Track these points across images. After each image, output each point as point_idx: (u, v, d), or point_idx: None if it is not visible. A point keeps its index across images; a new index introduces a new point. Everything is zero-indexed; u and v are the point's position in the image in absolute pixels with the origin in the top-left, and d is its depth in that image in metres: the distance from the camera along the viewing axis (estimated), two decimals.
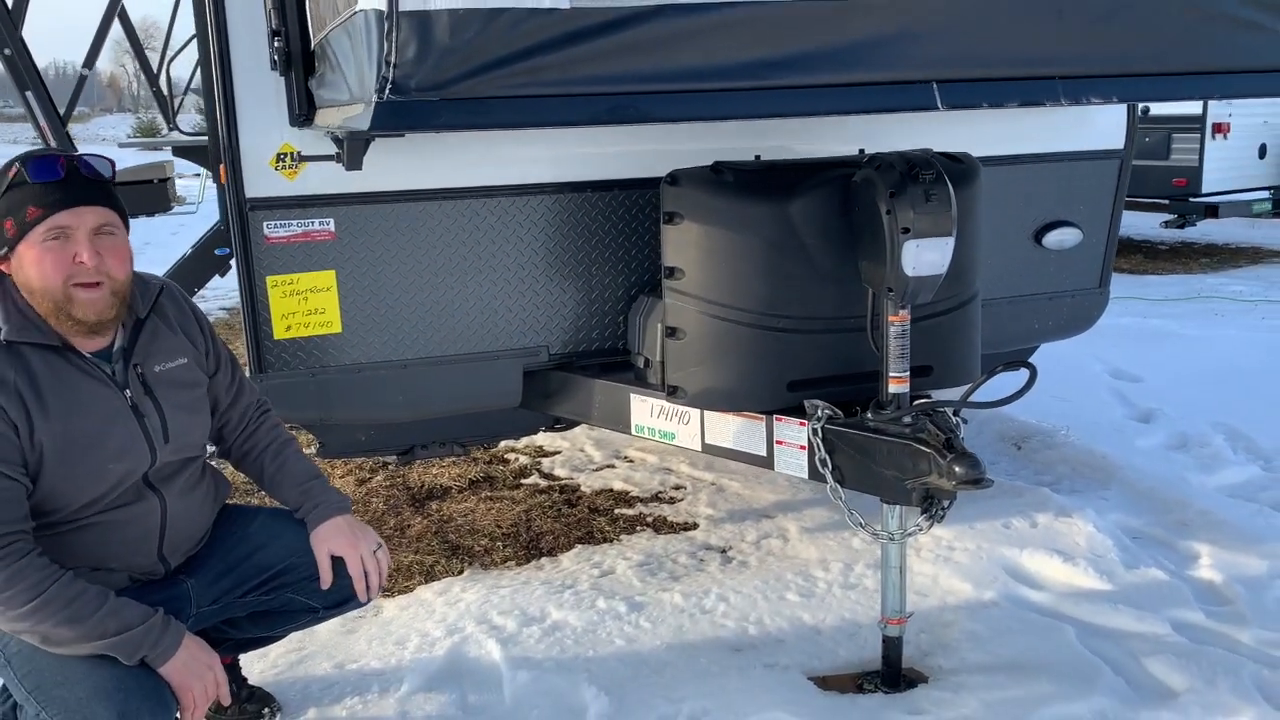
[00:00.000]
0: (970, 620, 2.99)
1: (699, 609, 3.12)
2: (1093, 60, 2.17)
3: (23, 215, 2.02)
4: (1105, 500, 3.80)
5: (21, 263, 2.04)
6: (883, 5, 1.98)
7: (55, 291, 2.03)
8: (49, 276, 2.02)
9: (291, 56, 2.74)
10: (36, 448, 2.02)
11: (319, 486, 2.45)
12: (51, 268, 2.02)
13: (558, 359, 3.27)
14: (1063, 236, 3.69)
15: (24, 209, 2.02)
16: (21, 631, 1.98)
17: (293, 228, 2.96)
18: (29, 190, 2.02)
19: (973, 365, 2.92)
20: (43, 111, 3.66)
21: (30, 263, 2.03)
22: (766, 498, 4.00)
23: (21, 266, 2.04)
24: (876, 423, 2.58)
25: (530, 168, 3.08)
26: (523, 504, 4.09)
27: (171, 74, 7.60)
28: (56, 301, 2.04)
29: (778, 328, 2.71)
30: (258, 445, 2.50)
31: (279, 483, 2.46)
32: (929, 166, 2.44)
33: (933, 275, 2.49)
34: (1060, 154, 3.62)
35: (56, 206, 2.02)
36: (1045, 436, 4.47)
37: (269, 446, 2.49)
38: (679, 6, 1.85)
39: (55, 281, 2.03)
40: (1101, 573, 3.22)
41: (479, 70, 1.75)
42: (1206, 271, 9.07)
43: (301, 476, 2.46)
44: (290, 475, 2.46)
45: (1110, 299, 3.96)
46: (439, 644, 2.96)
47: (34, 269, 2.03)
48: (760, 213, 2.67)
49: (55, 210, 2.02)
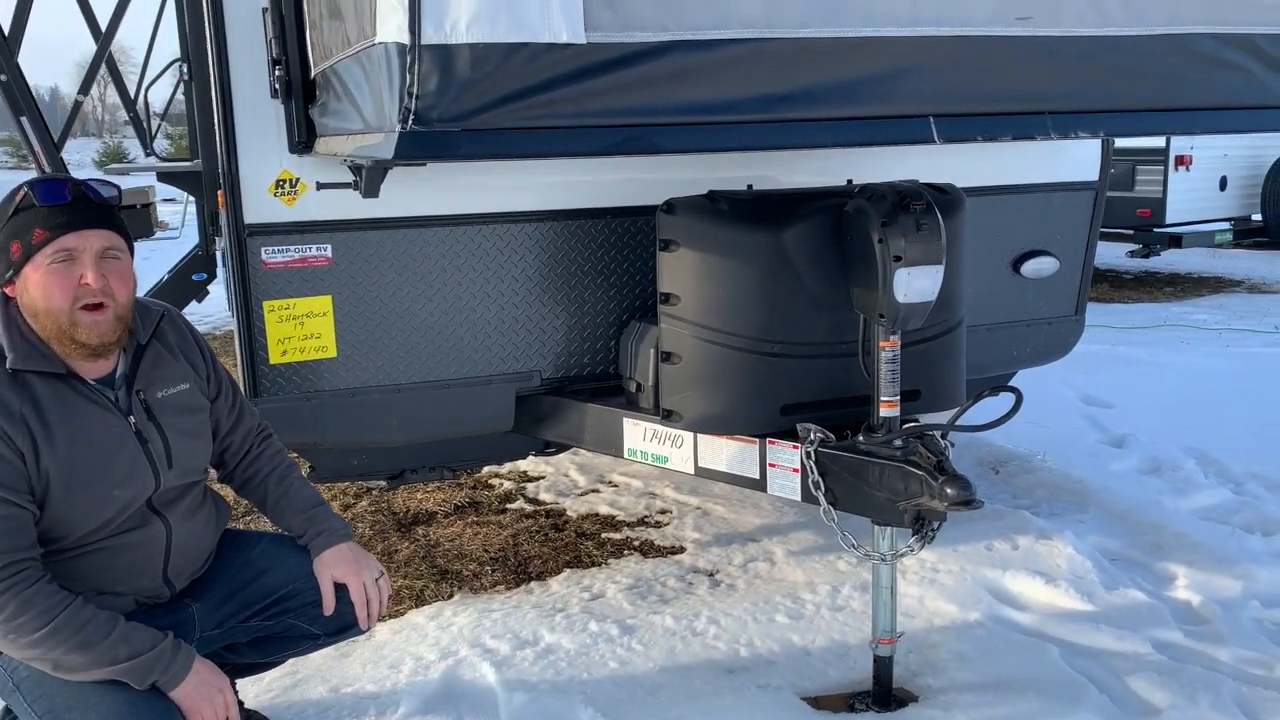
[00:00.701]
0: (957, 640, 3.05)
1: (690, 631, 3.16)
2: (1080, 97, 2.26)
3: (29, 238, 2.03)
4: (1083, 523, 3.88)
5: (27, 285, 2.06)
6: (883, 43, 2.05)
7: (60, 314, 2.04)
8: (54, 299, 2.04)
9: (292, 84, 2.78)
10: (43, 475, 2.03)
11: (323, 513, 2.48)
12: (57, 290, 2.03)
13: (550, 383, 3.31)
14: (1040, 265, 3.79)
15: (30, 231, 2.03)
16: (33, 659, 1.99)
17: (290, 253, 2.99)
18: (36, 213, 2.04)
19: (959, 390, 3.00)
20: (37, 137, 3.66)
21: (36, 285, 2.04)
22: (752, 521, 4.05)
23: (27, 289, 2.06)
24: (868, 446, 2.64)
25: (525, 196, 3.14)
26: (509, 528, 4.11)
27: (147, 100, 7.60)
28: (61, 325, 2.05)
29: (771, 353, 2.77)
30: (260, 471, 2.52)
31: (282, 509, 2.48)
32: (919, 197, 2.51)
33: (923, 302, 2.56)
34: (1037, 185, 3.72)
35: (63, 229, 2.04)
36: (1022, 461, 4.57)
37: (272, 473, 2.51)
38: (689, 42, 1.91)
39: (61, 304, 2.04)
40: (1083, 593, 3.29)
41: (498, 102, 1.80)
42: (1171, 300, 9.28)
43: (305, 503, 2.48)
44: (293, 502, 2.48)
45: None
46: (433, 667, 2.98)
47: (39, 291, 2.04)
48: (755, 240, 2.74)
49: (62, 233, 2.04)
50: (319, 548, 2.40)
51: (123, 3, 6.18)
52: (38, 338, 2.08)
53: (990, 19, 2.12)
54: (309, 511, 2.46)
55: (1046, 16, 2.16)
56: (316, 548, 2.41)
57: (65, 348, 2.08)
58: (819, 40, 2.00)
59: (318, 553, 2.40)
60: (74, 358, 2.10)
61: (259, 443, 2.54)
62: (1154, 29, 2.26)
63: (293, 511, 2.47)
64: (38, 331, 2.07)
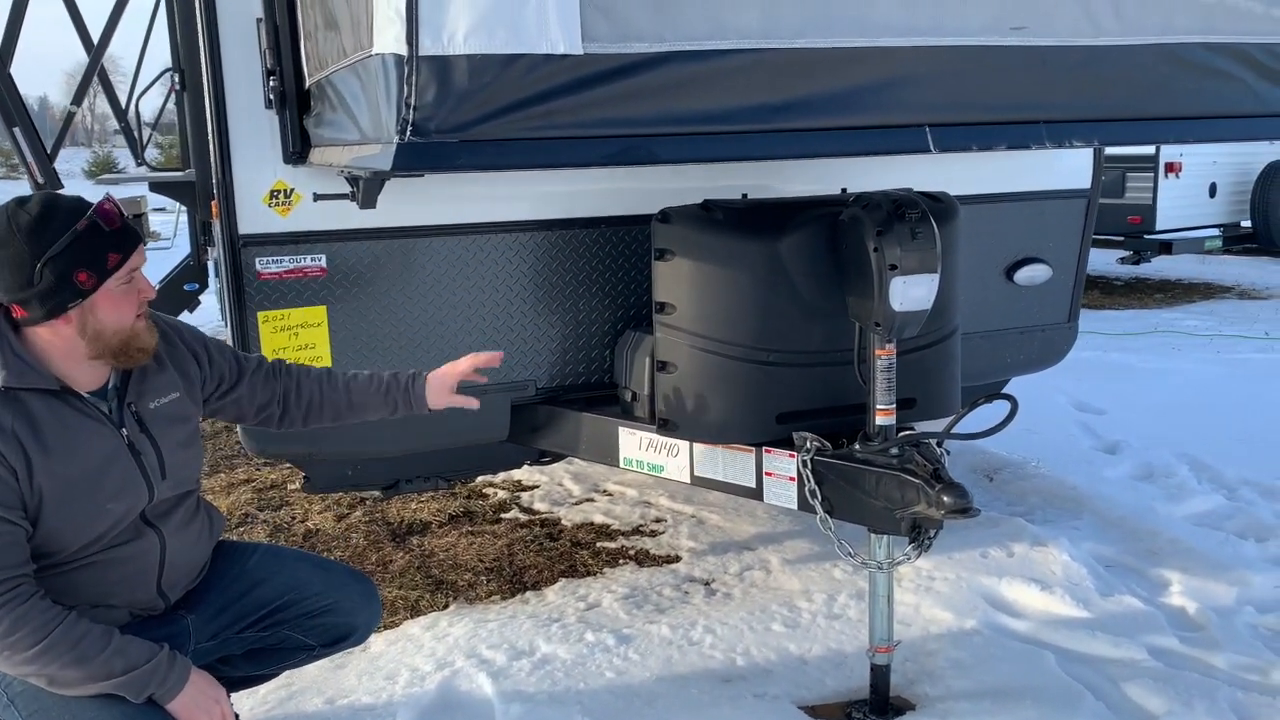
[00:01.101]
0: (954, 648, 3.05)
1: (686, 641, 3.15)
2: (1074, 106, 2.27)
3: (103, 263, 2.03)
4: (1078, 530, 3.89)
5: (95, 310, 2.05)
6: (879, 54, 2.06)
7: (126, 329, 2.09)
8: (125, 317, 2.09)
9: (287, 95, 2.78)
10: (36, 491, 2.01)
11: (394, 372, 2.55)
12: (127, 309, 2.10)
13: (545, 393, 3.31)
14: (1033, 273, 3.80)
15: (103, 256, 2.03)
16: (28, 675, 1.97)
17: (284, 264, 2.99)
18: (105, 238, 2.04)
19: (954, 398, 3.00)
20: (30, 148, 3.65)
21: (109, 308, 2.06)
22: (747, 530, 4.05)
23: (96, 315, 2.05)
24: (865, 454, 2.65)
25: (519, 205, 3.14)
26: (504, 538, 4.10)
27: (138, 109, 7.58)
28: (125, 338, 2.10)
29: (767, 361, 2.77)
30: (310, 392, 2.51)
31: (357, 393, 2.51)
32: (914, 206, 2.52)
33: (919, 310, 2.57)
34: (1030, 193, 3.74)
35: (129, 251, 2.08)
36: (1016, 468, 4.58)
37: (319, 381, 2.52)
38: (686, 53, 1.92)
39: (129, 320, 2.10)
40: (1078, 600, 3.30)
41: (496, 113, 1.80)
42: (1161, 306, 9.32)
43: (376, 376, 2.53)
44: (360, 383, 2.52)
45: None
46: (429, 678, 2.97)
47: (113, 314, 2.07)
48: (750, 249, 2.74)
49: (129, 255, 2.08)
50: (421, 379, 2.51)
51: (115, 13, 6.17)
52: (33, 357, 2.06)
53: (985, 28, 2.13)
54: (383, 376, 2.52)
55: (1041, 26, 2.17)
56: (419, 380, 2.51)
57: (122, 358, 2.11)
58: (815, 50, 2.00)
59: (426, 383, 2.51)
60: (126, 365, 2.14)
61: (285, 375, 2.51)
62: (1147, 38, 2.27)
63: (373, 388, 2.51)
64: (89, 350, 2.07)
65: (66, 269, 1.99)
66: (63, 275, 2.00)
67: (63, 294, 2.01)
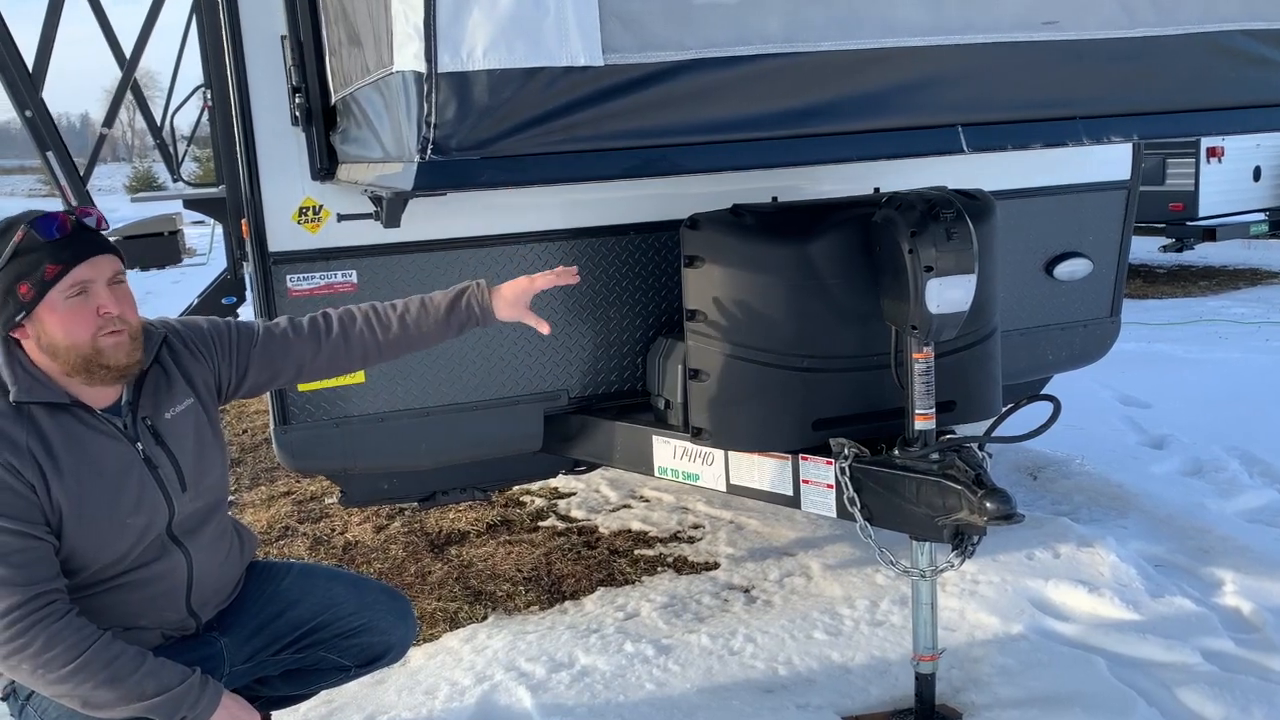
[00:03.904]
0: (1000, 654, 2.99)
1: (727, 650, 3.12)
2: (1111, 100, 2.21)
3: (40, 275, 1.99)
4: (1125, 529, 3.81)
5: (43, 325, 2.01)
6: (907, 54, 2.01)
7: (84, 346, 2.01)
8: (76, 333, 2.01)
9: (313, 112, 2.77)
10: (55, 507, 2.00)
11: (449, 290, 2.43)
12: (78, 324, 2.01)
13: (577, 402, 3.29)
14: (1073, 267, 3.72)
15: (40, 268, 1.99)
16: (61, 695, 1.97)
17: (315, 280, 2.99)
18: (42, 250, 2.00)
19: (995, 399, 2.94)
20: (64, 171, 3.69)
21: (55, 323, 2.00)
22: (786, 535, 4.00)
23: (44, 328, 2.01)
24: (904, 460, 2.60)
25: (547, 214, 3.12)
26: (542, 547, 4.09)
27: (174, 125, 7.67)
28: (85, 356, 2.02)
29: (801, 367, 2.73)
30: (355, 337, 2.38)
31: (417, 324, 2.39)
32: (949, 205, 2.47)
33: (956, 312, 2.51)
34: (1068, 186, 3.66)
35: (74, 261, 2.01)
36: (1060, 465, 4.49)
37: (370, 322, 2.40)
38: (708, 60, 1.88)
39: (84, 336, 2.01)
40: (1127, 602, 3.22)
41: (517, 129, 1.78)
42: (1206, 294, 9.13)
43: (429, 302, 2.40)
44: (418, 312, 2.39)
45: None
46: (469, 692, 2.95)
47: (60, 328, 2.01)
48: (781, 254, 2.70)
49: (74, 264, 2.01)
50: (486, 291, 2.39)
51: (144, 32, 6.24)
52: (42, 371, 2.04)
53: (1016, 24, 2.07)
54: (439, 302, 2.40)
55: (1074, 20, 2.11)
56: (485, 293, 2.39)
57: (93, 377, 2.04)
58: (840, 53, 1.96)
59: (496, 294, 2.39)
60: (99, 384, 2.07)
61: (328, 327, 2.39)
62: (1186, 28, 2.20)
63: (430, 315, 2.39)
64: (59, 368, 2.04)
65: (10, 282, 1.99)
66: (8, 289, 2.00)
67: (8, 307, 2.01)
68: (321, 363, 2.40)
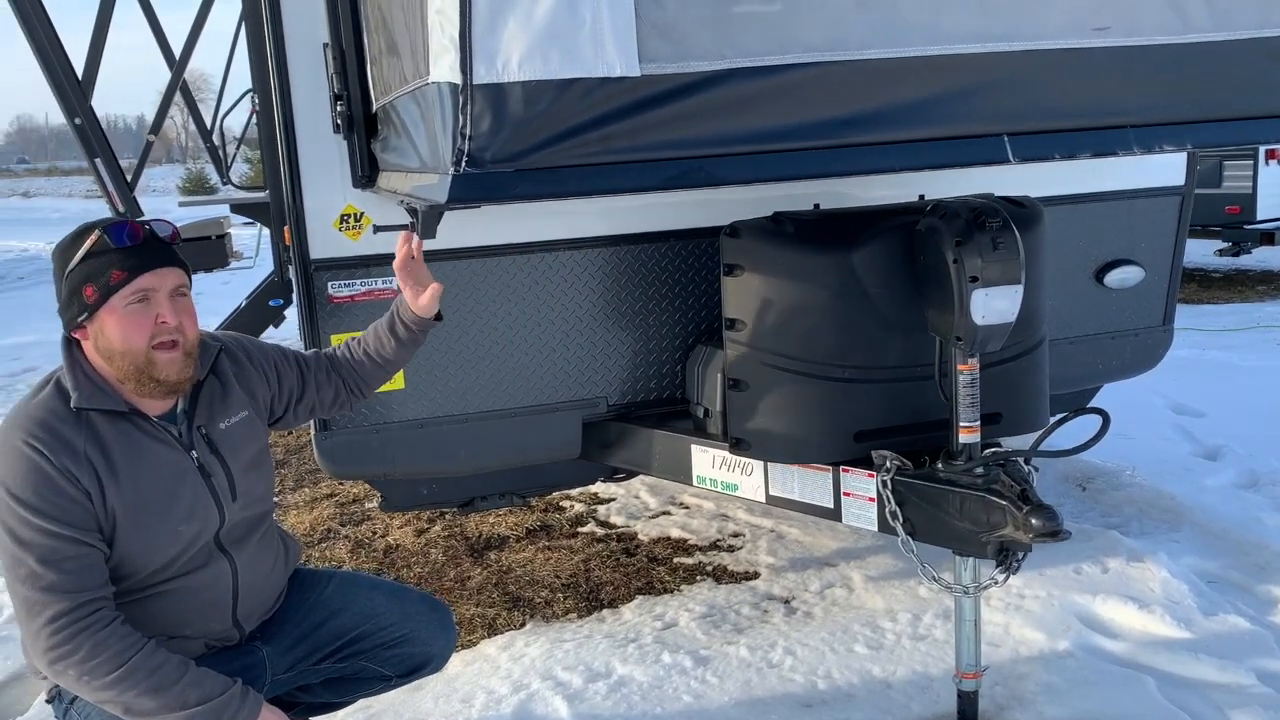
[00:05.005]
0: (1045, 671, 2.93)
1: (766, 663, 3.08)
2: (1164, 108, 2.14)
3: (106, 279, 2.04)
4: (1177, 543, 3.71)
5: (103, 327, 2.06)
6: (951, 61, 1.97)
7: (138, 354, 2.05)
8: (132, 339, 2.05)
9: (354, 119, 2.78)
10: (110, 513, 2.03)
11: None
12: (135, 330, 2.05)
13: (616, 410, 3.26)
14: (1125, 275, 3.64)
15: (107, 273, 2.05)
16: (105, 702, 1.99)
17: (356, 287, 3.00)
18: (111, 256, 2.06)
19: (1042, 411, 2.87)
20: (111, 178, 3.74)
21: (113, 326, 2.05)
22: (828, 545, 3.95)
23: (103, 331, 2.06)
24: (948, 474, 2.55)
25: (588, 220, 3.10)
26: (581, 553, 4.07)
27: (224, 128, 7.74)
28: (138, 364, 2.06)
29: (843, 378, 2.68)
30: (359, 366, 2.50)
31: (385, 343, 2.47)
32: (995, 214, 2.41)
33: (1002, 324, 2.46)
34: (1120, 192, 3.57)
35: (139, 270, 2.06)
36: (1110, 476, 4.39)
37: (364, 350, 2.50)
38: (747, 70, 1.85)
39: (139, 344, 2.05)
40: (1179, 620, 3.14)
41: (552, 140, 1.76)
42: (1264, 299, 8.91)
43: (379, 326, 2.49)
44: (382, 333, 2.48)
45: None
46: (505, 701, 2.95)
47: (117, 333, 2.05)
48: (822, 263, 2.66)
49: (139, 273, 2.06)
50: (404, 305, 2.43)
51: (190, 40, 6.31)
52: (100, 377, 2.09)
53: (1065, 31, 2.01)
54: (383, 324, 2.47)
55: (1125, 25, 2.05)
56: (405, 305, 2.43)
57: (142, 387, 2.08)
58: (884, 61, 1.92)
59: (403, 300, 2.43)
60: (147, 395, 2.11)
61: (338, 363, 2.51)
62: (1243, 33, 2.13)
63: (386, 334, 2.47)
64: (113, 373, 2.08)
65: (78, 283, 2.06)
66: (74, 289, 2.06)
67: (73, 307, 2.07)
68: (328, 397, 2.49)
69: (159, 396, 2.12)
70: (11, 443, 2.01)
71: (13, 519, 1.97)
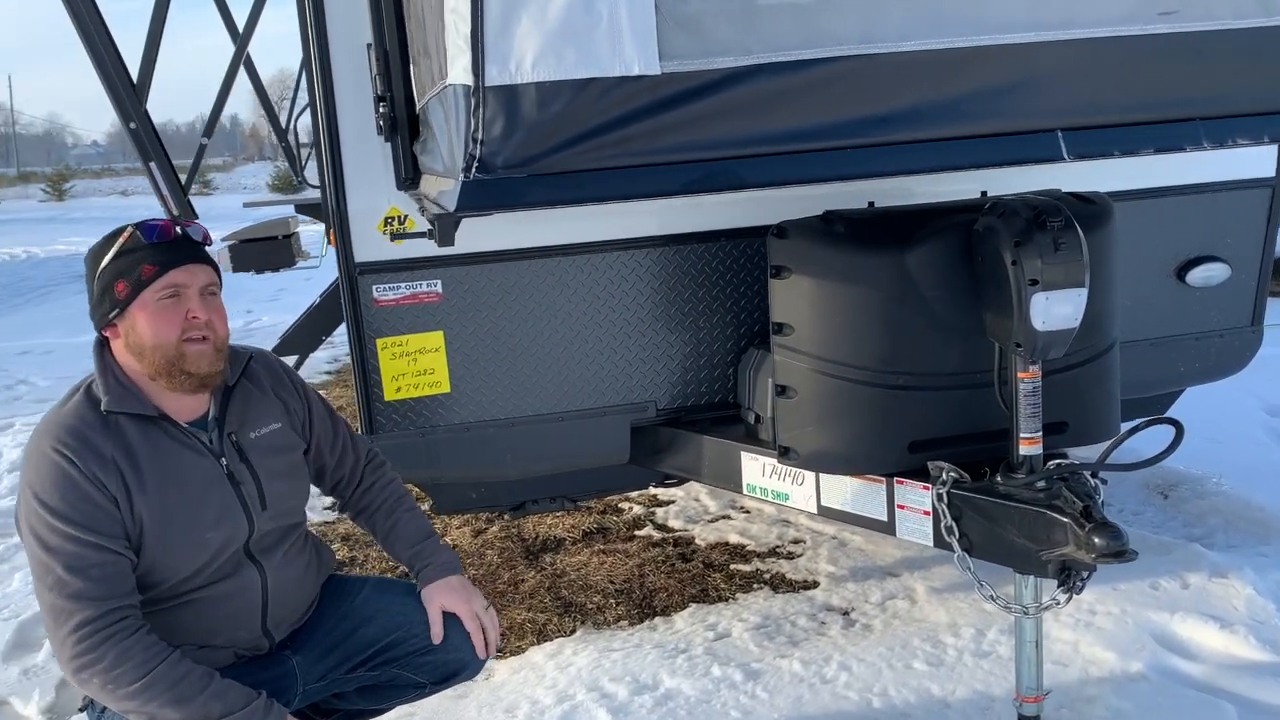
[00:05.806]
0: (1116, 695, 2.76)
1: (819, 678, 2.97)
2: (1238, 98, 1.97)
3: (138, 274, 2.06)
4: (1265, 558, 3.49)
5: (134, 323, 2.07)
6: (998, 52, 1.83)
7: (169, 348, 2.06)
8: (163, 333, 2.06)
9: (397, 121, 2.74)
10: (137, 520, 2.02)
11: (431, 546, 2.46)
12: (166, 325, 2.06)
13: (666, 414, 3.18)
14: (1209, 273, 3.43)
15: (139, 268, 2.06)
16: (129, 711, 1.98)
17: (401, 290, 2.96)
18: (143, 252, 2.07)
19: (1112, 419, 2.71)
20: (165, 182, 3.78)
21: (144, 321, 2.06)
22: (891, 554, 3.82)
23: (134, 327, 2.07)
24: (1007, 487, 2.41)
25: (634, 221, 3.02)
26: (636, 558, 4.00)
27: (298, 127, 7.87)
28: (169, 358, 2.06)
29: (897, 385, 2.56)
30: (371, 504, 2.51)
31: (392, 542, 2.49)
32: (1057, 212, 2.26)
33: (1065, 329, 2.31)
34: (1203, 185, 3.36)
35: (170, 265, 2.07)
36: (1195, 484, 4.16)
37: (381, 505, 2.51)
38: (775, 65, 1.74)
39: (170, 337, 2.06)
40: (1264, 641, 2.95)
41: (567, 144, 1.68)
42: None
43: (414, 537, 2.47)
44: (402, 536, 2.47)
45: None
46: (549, 712, 2.89)
47: (149, 327, 2.06)
48: (875, 264, 2.54)
49: (170, 268, 2.07)
50: (426, 579, 2.40)
51: (243, 42, 6.38)
52: (131, 381, 2.09)
53: (1127, 16, 1.86)
54: (417, 545, 2.45)
55: (1195, 8, 1.89)
56: (424, 579, 2.40)
57: (173, 381, 2.08)
58: (924, 53, 1.79)
59: (425, 584, 2.39)
60: (178, 390, 2.10)
61: (370, 472, 2.52)
62: None
63: (401, 545, 2.47)
64: (144, 370, 2.08)
65: (110, 280, 2.07)
66: (106, 286, 2.08)
67: (104, 304, 2.08)
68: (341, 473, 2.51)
69: (190, 391, 2.11)
70: (41, 449, 2.02)
71: (41, 525, 1.98)
